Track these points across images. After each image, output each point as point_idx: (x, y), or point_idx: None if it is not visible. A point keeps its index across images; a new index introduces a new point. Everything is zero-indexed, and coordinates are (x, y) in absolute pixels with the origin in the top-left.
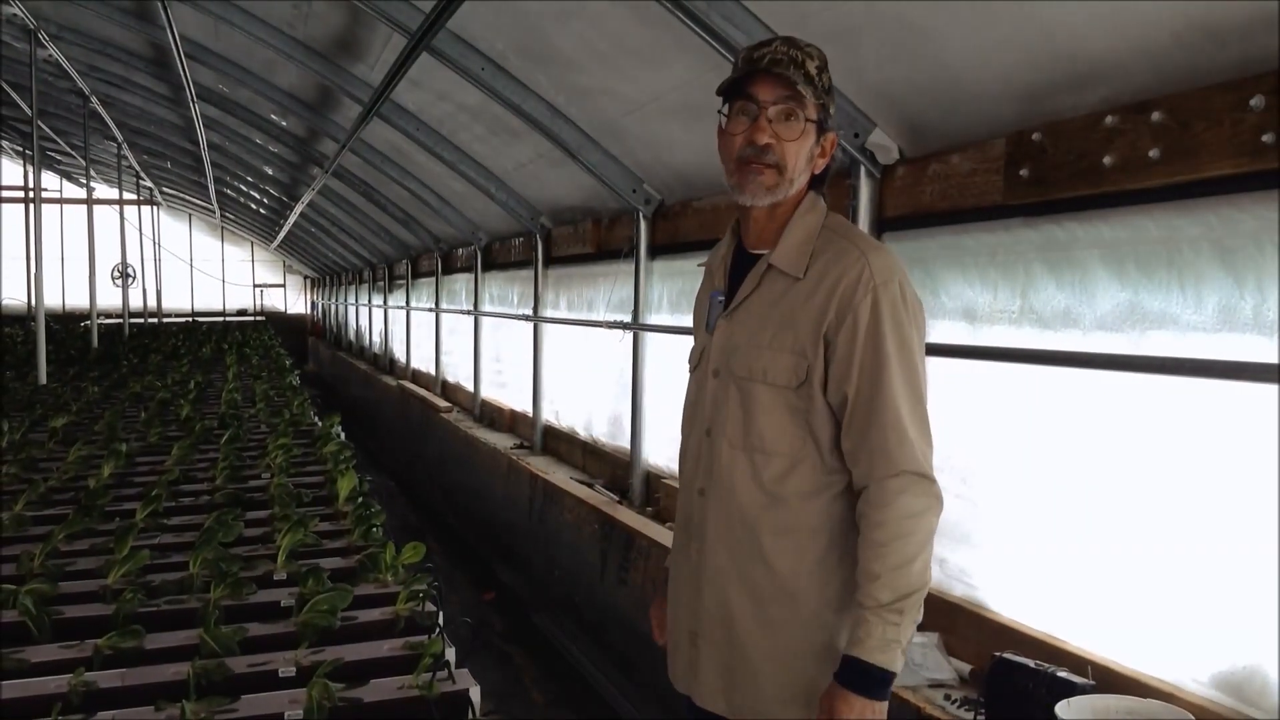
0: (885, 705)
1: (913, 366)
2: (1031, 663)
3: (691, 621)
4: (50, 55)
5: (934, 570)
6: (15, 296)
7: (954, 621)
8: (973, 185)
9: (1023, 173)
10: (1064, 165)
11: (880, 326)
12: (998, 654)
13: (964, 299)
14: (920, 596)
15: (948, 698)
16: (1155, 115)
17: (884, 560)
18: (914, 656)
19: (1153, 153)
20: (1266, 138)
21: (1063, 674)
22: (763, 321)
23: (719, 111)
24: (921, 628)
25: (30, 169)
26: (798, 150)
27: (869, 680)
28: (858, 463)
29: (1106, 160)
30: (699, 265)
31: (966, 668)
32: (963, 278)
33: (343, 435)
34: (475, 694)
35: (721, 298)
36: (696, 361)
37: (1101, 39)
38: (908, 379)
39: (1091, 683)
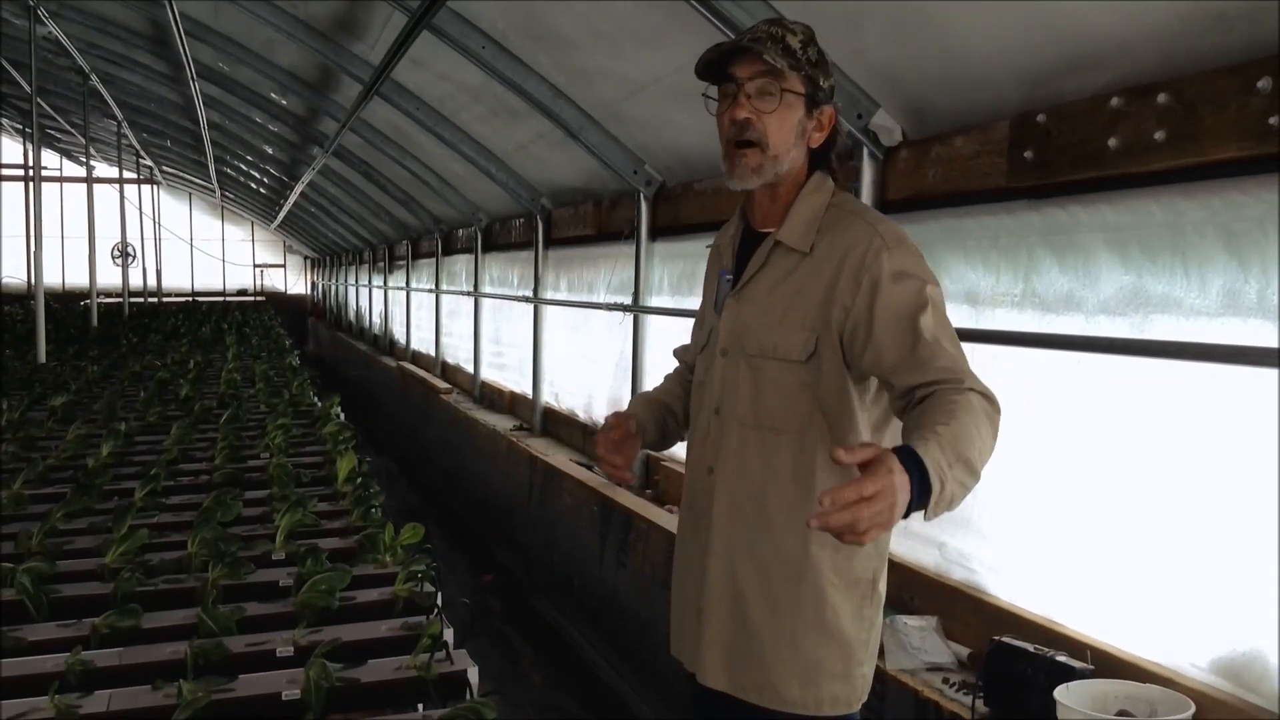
0: (899, 516)
1: (940, 308)
2: (1030, 647)
3: (698, 598)
4: (50, 32)
5: (934, 554)
6: (15, 275)
7: (953, 605)
8: (976, 168)
9: (1026, 155)
10: (1068, 148)
11: (899, 283)
12: (996, 638)
13: (966, 282)
14: (973, 481)
15: (946, 681)
16: (1161, 98)
17: (956, 419)
18: (912, 640)
19: (1158, 136)
20: (1273, 121)
21: (1061, 658)
22: (772, 298)
23: (704, 95)
24: (921, 611)
25: (30, 147)
26: (780, 123)
27: (918, 474)
28: (918, 391)
29: (1111, 143)
30: (707, 246)
31: (965, 652)
32: (965, 261)
33: (342, 416)
34: (473, 675)
35: (729, 277)
36: (705, 342)
37: (1107, 21)
38: (941, 319)
39: (1090, 667)
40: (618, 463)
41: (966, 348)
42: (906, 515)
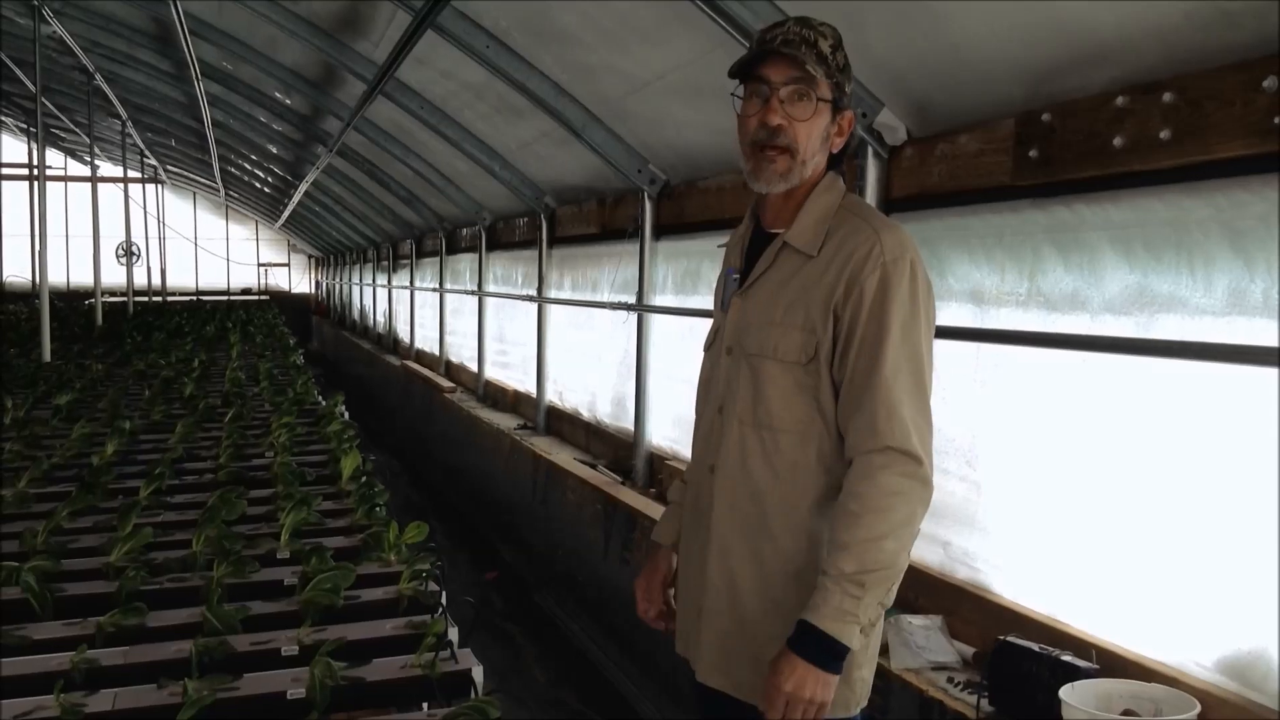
0: (833, 680)
1: (914, 345)
2: (1035, 646)
3: (699, 597)
4: (54, 31)
5: (938, 553)
6: (20, 274)
7: (958, 604)
8: (980, 166)
9: (1031, 153)
10: (1073, 146)
11: (886, 302)
12: (1001, 637)
13: (971, 281)
14: (888, 576)
15: (951, 680)
16: (1166, 96)
17: (854, 531)
18: (917, 639)
19: (1163, 134)
20: (1278, 119)
21: (1066, 658)
22: (775, 299)
23: (733, 94)
24: (925, 610)
25: (34, 146)
26: (810, 131)
27: (819, 649)
28: (847, 436)
29: (1116, 141)
30: (719, 246)
31: (970, 651)
32: (969, 259)
33: (346, 415)
34: (478, 674)
35: (736, 276)
36: (711, 340)
37: (1112, 18)
38: (907, 356)
39: (1095, 666)
40: (665, 626)
41: (971, 347)
42: (838, 666)
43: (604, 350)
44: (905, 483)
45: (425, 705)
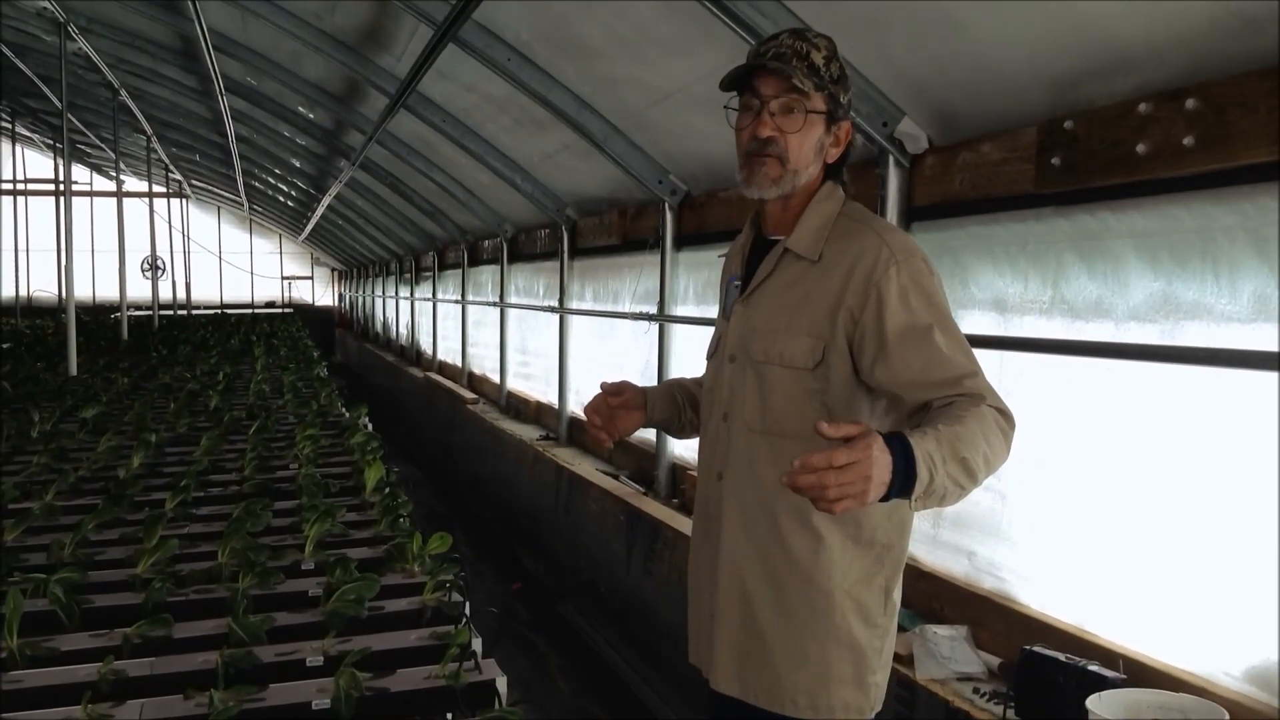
0: (879, 496)
1: (952, 323)
2: (1062, 656)
3: (710, 604)
4: (80, 48)
5: (963, 563)
6: (47, 288)
7: (983, 614)
8: (1003, 174)
9: (1054, 161)
10: (1097, 153)
11: (909, 298)
12: (1027, 647)
13: (994, 289)
14: (964, 476)
15: (976, 691)
16: (1190, 102)
17: (958, 425)
18: (942, 649)
19: (1187, 140)
20: None
21: (1094, 667)
22: (780, 305)
23: (726, 106)
24: (951, 620)
25: (60, 162)
26: (801, 141)
27: (904, 462)
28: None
29: (1140, 148)
30: (719, 255)
31: (996, 661)
32: (993, 268)
33: (370, 426)
34: (502, 685)
35: (738, 283)
36: (714, 348)
37: (1135, 25)
38: (955, 337)
39: (1123, 676)
40: (597, 422)
41: (995, 355)
42: (887, 498)
43: (626, 361)
44: (1006, 429)
45: (449, 716)
